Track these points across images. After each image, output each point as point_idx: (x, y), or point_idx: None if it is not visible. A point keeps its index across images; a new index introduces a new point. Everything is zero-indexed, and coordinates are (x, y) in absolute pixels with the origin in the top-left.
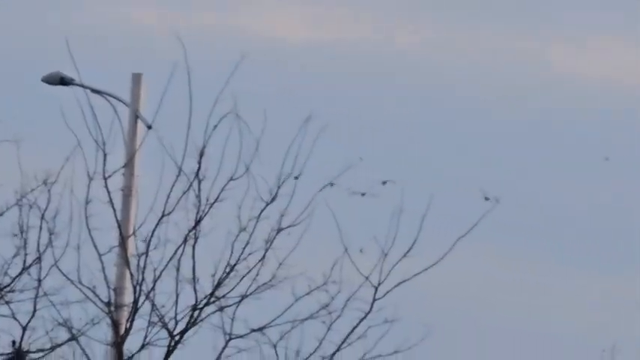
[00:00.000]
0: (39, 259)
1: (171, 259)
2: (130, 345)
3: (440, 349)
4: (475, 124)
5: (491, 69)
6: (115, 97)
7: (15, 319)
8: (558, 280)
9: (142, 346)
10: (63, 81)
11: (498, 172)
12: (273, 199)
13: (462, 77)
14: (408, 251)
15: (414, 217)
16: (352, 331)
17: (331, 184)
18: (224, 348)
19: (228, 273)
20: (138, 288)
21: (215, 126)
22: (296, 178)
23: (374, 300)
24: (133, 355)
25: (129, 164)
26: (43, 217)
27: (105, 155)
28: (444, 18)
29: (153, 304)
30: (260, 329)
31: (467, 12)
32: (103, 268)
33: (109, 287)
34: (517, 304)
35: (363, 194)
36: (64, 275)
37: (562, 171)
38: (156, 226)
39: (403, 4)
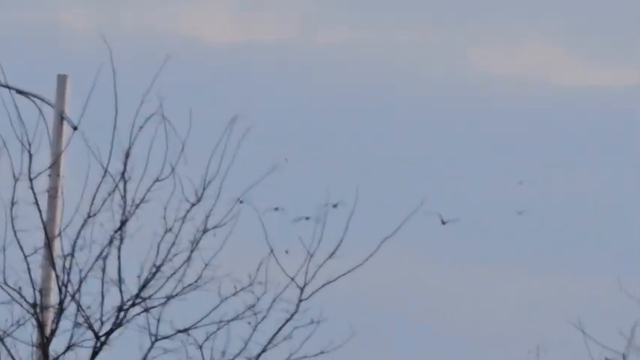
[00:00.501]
0: None
1: (96, 260)
2: (56, 346)
3: (365, 350)
4: (399, 123)
5: (413, 69)
6: (40, 98)
7: None
8: (486, 282)
9: (68, 347)
10: None
11: (424, 171)
12: (198, 200)
13: (390, 78)
14: (333, 252)
15: (340, 218)
16: (278, 332)
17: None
18: (150, 349)
19: (154, 274)
20: (63, 289)
21: (141, 127)
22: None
23: (300, 301)
24: (58, 357)
25: (54, 165)
26: None
27: (30, 156)
28: (371, 18)
29: (78, 305)
30: (186, 330)
31: (396, 14)
32: (29, 270)
33: (34, 288)
34: (443, 305)
35: (307, 218)
36: None
37: (489, 171)
38: (81, 227)
39: (328, 6)
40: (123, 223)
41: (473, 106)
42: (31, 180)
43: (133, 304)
